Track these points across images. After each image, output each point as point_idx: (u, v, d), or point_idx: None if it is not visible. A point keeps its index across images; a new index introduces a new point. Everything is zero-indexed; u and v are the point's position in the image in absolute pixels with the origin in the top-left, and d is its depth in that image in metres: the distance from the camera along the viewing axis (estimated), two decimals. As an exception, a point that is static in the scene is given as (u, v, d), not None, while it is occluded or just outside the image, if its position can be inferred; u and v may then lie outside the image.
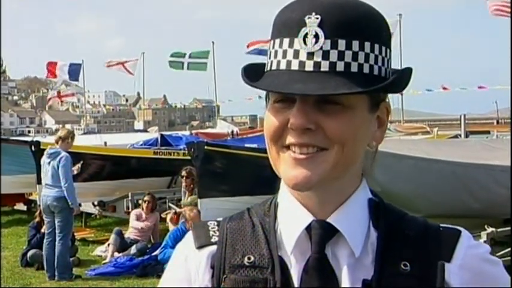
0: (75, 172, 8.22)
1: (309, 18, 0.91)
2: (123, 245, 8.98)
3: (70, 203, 7.66)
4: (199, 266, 1.00)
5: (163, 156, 12.08)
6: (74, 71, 29.97)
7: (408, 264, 0.94)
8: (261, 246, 0.98)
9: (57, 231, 7.73)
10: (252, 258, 0.97)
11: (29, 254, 8.59)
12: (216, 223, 1.04)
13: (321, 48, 0.90)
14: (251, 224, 1.01)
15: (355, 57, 0.91)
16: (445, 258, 0.95)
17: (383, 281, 0.93)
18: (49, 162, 7.77)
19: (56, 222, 7.75)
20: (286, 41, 0.93)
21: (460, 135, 12.65)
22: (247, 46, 24.21)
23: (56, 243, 7.73)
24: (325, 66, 0.90)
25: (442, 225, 1.01)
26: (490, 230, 6.23)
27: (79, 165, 8.55)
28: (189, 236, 1.04)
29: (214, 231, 1.02)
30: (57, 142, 7.89)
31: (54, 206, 7.70)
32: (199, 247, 1.01)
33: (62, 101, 36.61)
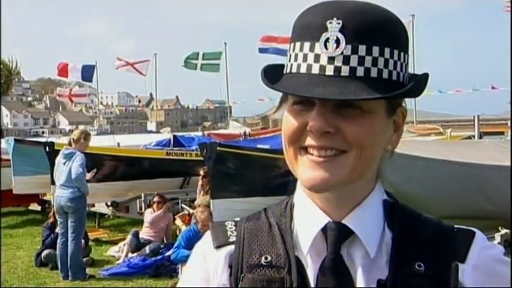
0: (88, 177, 8.30)
1: (330, 23, 0.92)
2: (138, 245, 9.03)
3: (83, 193, 7.74)
4: (217, 265, 1.02)
5: (176, 157, 12.12)
6: (87, 72, 30.16)
7: (422, 265, 0.95)
8: (278, 246, 0.99)
9: (69, 231, 7.79)
10: (269, 258, 0.98)
11: (43, 254, 8.66)
12: (233, 223, 1.05)
13: (342, 53, 0.91)
14: (268, 224, 1.03)
15: (375, 62, 0.92)
16: (459, 258, 0.96)
17: (397, 281, 0.94)
18: (64, 163, 7.83)
19: (69, 222, 7.81)
20: (307, 44, 0.94)
21: (474, 136, 12.54)
22: (261, 40, 24.09)
23: (69, 243, 7.79)
24: (345, 71, 0.91)
25: (456, 226, 1.01)
26: (503, 231, 6.19)
27: (93, 172, 8.64)
28: (207, 236, 1.06)
29: (232, 231, 1.04)
30: (70, 144, 7.95)
31: (68, 206, 7.75)
32: (218, 247, 1.02)
33: (72, 101, 36.67)
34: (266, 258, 0.98)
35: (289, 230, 1.01)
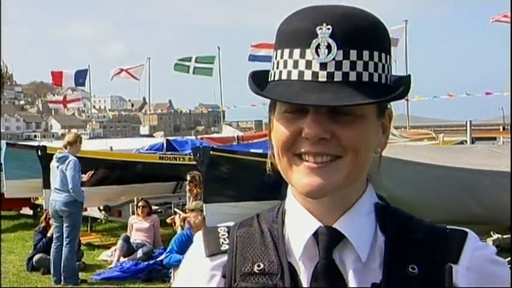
0: (85, 179, 8.27)
1: (320, 28, 0.91)
2: (129, 250, 9.00)
3: (78, 201, 7.72)
4: (210, 274, 1.01)
5: (168, 161, 12.08)
6: (81, 77, 30.03)
7: (416, 267, 0.95)
8: (270, 253, 0.99)
9: (64, 236, 7.76)
10: (262, 266, 0.98)
11: (35, 258, 8.61)
12: (226, 229, 1.05)
13: (334, 58, 0.91)
14: (260, 231, 1.03)
15: (365, 66, 0.92)
16: (452, 260, 0.96)
17: (391, 284, 0.94)
18: (58, 167, 7.81)
19: (64, 226, 7.78)
20: (296, 51, 0.93)
21: (466, 142, 12.59)
22: (252, 47, 24.08)
23: (63, 247, 7.76)
24: (338, 76, 0.91)
25: (448, 227, 1.02)
26: (495, 236, 6.21)
27: (90, 173, 8.61)
28: (199, 243, 1.05)
29: (224, 239, 1.03)
30: (65, 147, 7.93)
31: (62, 210, 7.73)
32: (210, 255, 1.02)
33: (66, 107, 36.46)
34: (259, 266, 0.98)
35: (281, 237, 1.00)
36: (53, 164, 7.95)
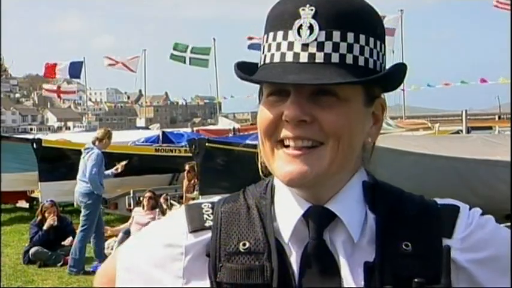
0: (119, 170, 8.42)
1: (303, 9, 0.90)
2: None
3: (95, 193, 7.83)
4: (193, 252, 0.97)
5: (164, 154, 12.08)
6: (75, 69, 29.97)
7: (410, 244, 0.93)
8: (256, 230, 0.96)
9: (80, 224, 7.93)
10: (247, 244, 0.95)
11: (31, 251, 8.59)
12: (210, 205, 1.01)
13: (316, 39, 0.89)
14: (246, 207, 0.99)
15: (350, 49, 0.90)
16: (446, 234, 0.95)
17: (385, 262, 0.92)
18: (83, 158, 7.98)
19: (81, 215, 7.93)
20: (280, 33, 0.92)
21: (462, 131, 12.60)
22: (248, 39, 24.23)
23: (77, 235, 7.96)
24: (320, 57, 0.89)
25: (439, 201, 1.00)
26: (491, 225, 6.23)
27: (123, 163, 8.69)
28: (180, 218, 1.00)
29: (208, 215, 0.99)
30: (93, 143, 8.05)
31: (80, 201, 7.90)
32: (193, 231, 0.98)
33: (60, 97, 36.42)
34: (244, 244, 0.94)
35: (269, 213, 0.97)
36: (82, 156, 8.12)
